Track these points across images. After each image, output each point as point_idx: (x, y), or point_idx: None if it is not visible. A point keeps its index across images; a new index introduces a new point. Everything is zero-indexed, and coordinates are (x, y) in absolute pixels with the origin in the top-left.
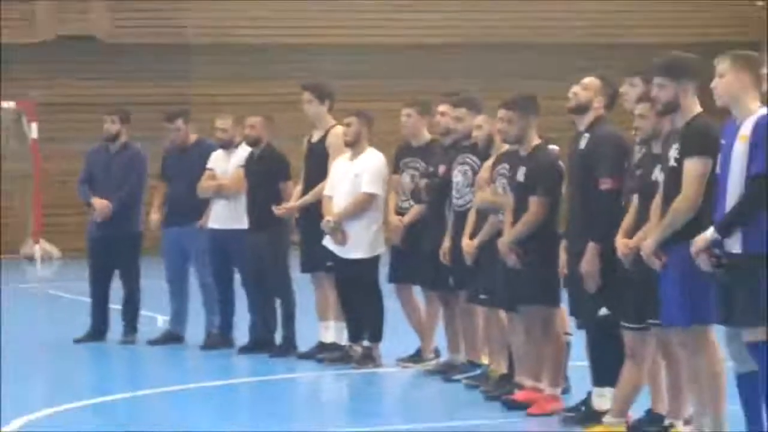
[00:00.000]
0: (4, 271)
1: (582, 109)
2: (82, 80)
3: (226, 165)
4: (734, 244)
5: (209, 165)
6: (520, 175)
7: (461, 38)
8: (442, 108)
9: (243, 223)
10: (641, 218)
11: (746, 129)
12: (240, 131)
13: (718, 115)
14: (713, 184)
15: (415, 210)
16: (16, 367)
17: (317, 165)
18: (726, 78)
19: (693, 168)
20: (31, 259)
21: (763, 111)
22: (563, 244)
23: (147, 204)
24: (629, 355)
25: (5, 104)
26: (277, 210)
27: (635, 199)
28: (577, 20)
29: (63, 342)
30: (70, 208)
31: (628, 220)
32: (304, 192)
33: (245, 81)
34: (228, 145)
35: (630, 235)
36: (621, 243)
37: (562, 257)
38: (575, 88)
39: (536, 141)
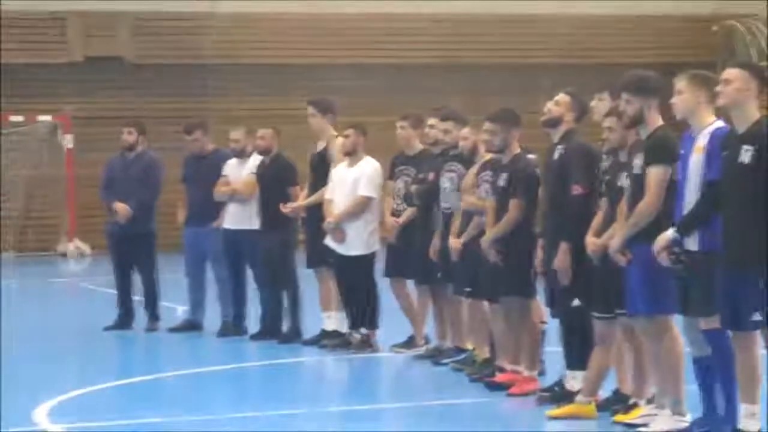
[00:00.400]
0: (42, 267)
1: (555, 122)
2: (110, 96)
3: (239, 172)
4: (692, 243)
5: (224, 172)
6: (502, 180)
7: (448, 60)
8: (431, 121)
9: (254, 224)
10: (609, 219)
11: (702, 141)
12: (252, 141)
13: (681, 127)
14: (673, 190)
15: (408, 212)
16: (52, 352)
17: (321, 172)
18: (684, 95)
19: (655, 175)
20: (65, 255)
21: (717, 124)
22: (540, 242)
23: (165, 205)
24: (598, 341)
25: (42, 118)
26: (285, 208)
27: (604, 202)
28: (550, 44)
29: (94, 330)
30: (100, 210)
31: (597, 221)
32: (310, 196)
33: (257, 97)
34: (241, 154)
35: (599, 234)
36: (590, 241)
37: (539, 255)
38: (549, 104)
39: (517, 150)
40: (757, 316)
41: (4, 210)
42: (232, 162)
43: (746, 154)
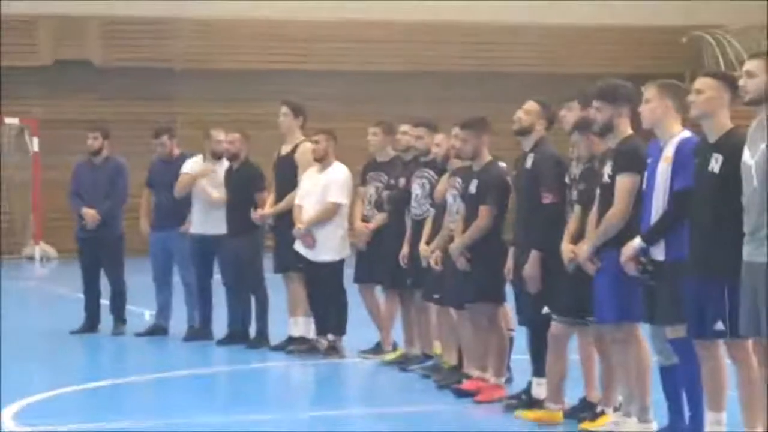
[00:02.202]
0: (7, 270)
1: (526, 131)
2: (78, 100)
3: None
4: (658, 252)
5: (184, 170)
6: (472, 187)
7: (418, 67)
8: (403, 128)
9: (222, 229)
10: (584, 227)
11: (669, 151)
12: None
13: (651, 136)
14: (640, 199)
15: (378, 218)
16: (18, 355)
17: (286, 176)
18: (651, 104)
19: (624, 183)
20: (31, 259)
21: (684, 134)
22: (511, 250)
23: (134, 209)
24: (551, 343)
25: (9, 120)
26: (255, 215)
27: (578, 209)
28: (520, 52)
29: (60, 333)
30: (67, 213)
31: (572, 229)
32: (276, 200)
33: (225, 102)
34: (223, 155)
35: (575, 241)
36: (567, 249)
37: (509, 262)
38: (519, 113)
39: (488, 158)
40: (720, 326)
41: None
42: (192, 160)
43: (716, 164)
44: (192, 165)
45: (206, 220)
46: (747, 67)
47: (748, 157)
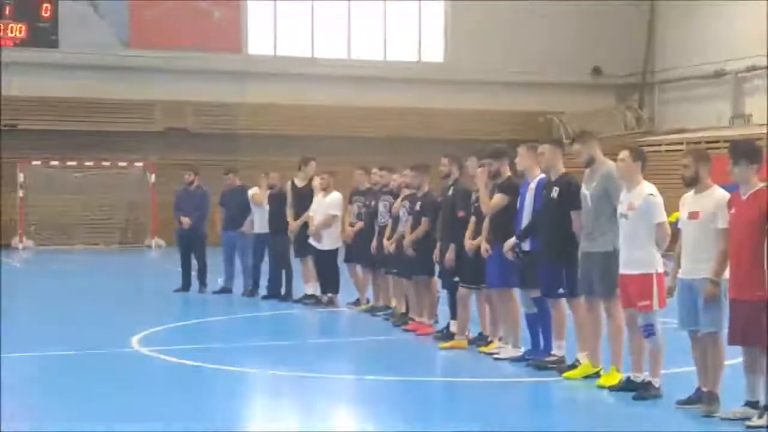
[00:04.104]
0: (134, 255)
1: (447, 175)
2: (179, 151)
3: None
4: (526, 245)
5: (250, 193)
6: (417, 206)
7: (388, 135)
8: (374, 170)
9: (266, 229)
10: (477, 230)
11: (532, 185)
12: (283, 181)
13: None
14: (515, 214)
15: (359, 224)
16: (142, 305)
17: (302, 200)
18: (522, 157)
19: (498, 198)
20: (150, 247)
21: (541, 175)
22: (438, 244)
23: (211, 219)
24: (460, 300)
25: (137, 164)
26: (290, 230)
27: (473, 220)
28: (444, 126)
29: (167, 292)
30: (172, 220)
31: (470, 231)
32: (296, 215)
33: (268, 154)
34: (274, 188)
35: (473, 238)
36: (468, 243)
37: (437, 251)
38: (441, 167)
39: (426, 188)
40: (561, 290)
41: (113, 220)
42: (253, 189)
43: (555, 192)
44: (254, 190)
45: (261, 224)
46: (576, 143)
47: (584, 189)
